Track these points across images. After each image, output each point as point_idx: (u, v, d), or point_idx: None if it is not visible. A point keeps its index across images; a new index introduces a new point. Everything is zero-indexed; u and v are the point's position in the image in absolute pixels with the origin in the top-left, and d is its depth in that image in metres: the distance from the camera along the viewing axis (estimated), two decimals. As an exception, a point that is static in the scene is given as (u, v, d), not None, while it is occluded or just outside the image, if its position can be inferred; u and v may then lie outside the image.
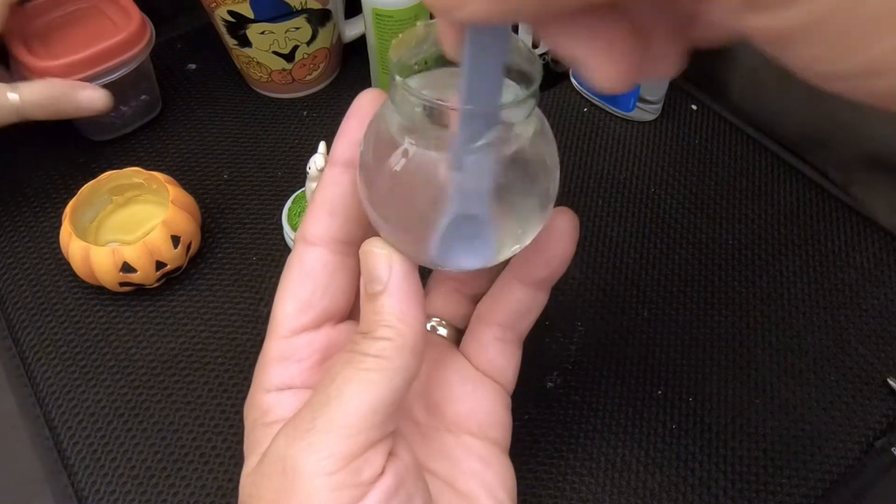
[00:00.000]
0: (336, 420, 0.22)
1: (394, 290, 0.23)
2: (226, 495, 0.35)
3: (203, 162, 0.51)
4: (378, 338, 0.23)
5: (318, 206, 0.26)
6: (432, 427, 0.28)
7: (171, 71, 0.58)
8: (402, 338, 0.23)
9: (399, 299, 0.23)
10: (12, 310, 0.43)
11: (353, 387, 0.22)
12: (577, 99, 0.55)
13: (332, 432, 0.21)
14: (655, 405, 0.38)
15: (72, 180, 0.49)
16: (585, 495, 0.35)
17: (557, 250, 0.26)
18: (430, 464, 0.27)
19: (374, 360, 0.22)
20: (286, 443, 0.22)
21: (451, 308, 0.30)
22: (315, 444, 0.21)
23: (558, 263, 0.27)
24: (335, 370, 0.23)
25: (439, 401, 0.28)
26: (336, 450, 0.21)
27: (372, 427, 0.22)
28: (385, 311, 0.23)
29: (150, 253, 0.40)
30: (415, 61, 0.22)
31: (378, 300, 0.23)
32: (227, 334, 0.41)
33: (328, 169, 0.26)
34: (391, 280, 0.23)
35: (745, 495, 0.35)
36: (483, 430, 0.28)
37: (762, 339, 0.41)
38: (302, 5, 0.49)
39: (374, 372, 0.22)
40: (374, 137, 0.23)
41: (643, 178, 0.49)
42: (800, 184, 0.49)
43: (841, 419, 0.38)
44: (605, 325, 0.42)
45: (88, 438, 0.37)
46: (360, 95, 0.25)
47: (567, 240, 0.26)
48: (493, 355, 0.29)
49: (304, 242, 0.26)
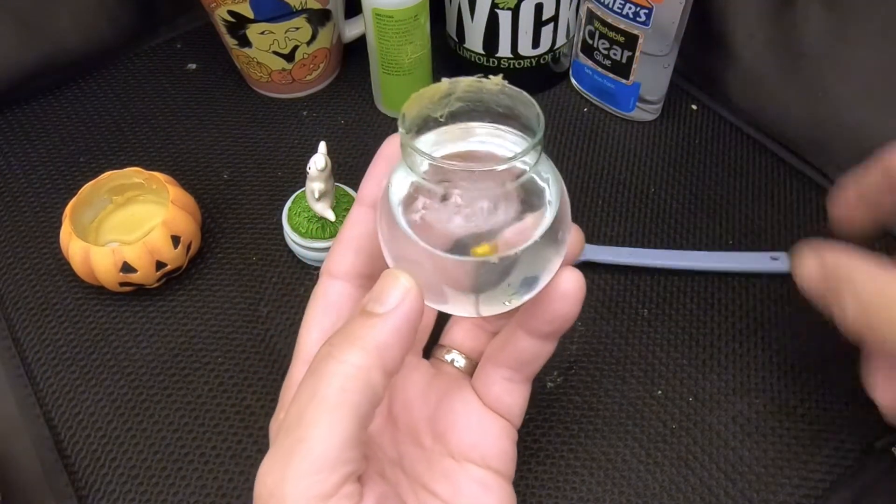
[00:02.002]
0: (308, 462, 0.21)
1: (392, 322, 0.22)
2: (226, 495, 0.35)
3: (203, 162, 0.51)
4: (346, 362, 0.22)
5: (344, 243, 0.27)
6: (437, 452, 0.29)
7: (171, 71, 0.58)
8: (374, 370, 0.22)
9: (391, 332, 0.22)
10: (12, 310, 0.43)
11: (315, 431, 0.22)
12: (577, 99, 0.55)
13: (303, 477, 0.21)
14: (655, 405, 0.38)
15: (72, 180, 0.49)
16: (585, 495, 0.35)
17: (562, 310, 0.26)
18: (433, 485, 0.28)
19: (339, 394, 0.22)
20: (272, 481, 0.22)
21: (470, 342, 0.31)
22: (291, 489, 0.21)
23: (561, 323, 0.26)
24: (303, 398, 0.22)
25: (445, 429, 0.29)
26: (311, 492, 0.21)
27: (341, 463, 0.22)
28: (371, 335, 0.22)
29: (150, 253, 0.40)
30: (439, 114, 0.23)
31: (371, 321, 0.23)
32: (227, 334, 0.41)
33: (356, 207, 0.27)
34: (397, 311, 0.22)
35: (745, 495, 0.35)
36: (485, 460, 0.29)
37: (762, 339, 0.41)
38: (302, 5, 0.49)
39: (339, 411, 0.22)
40: (387, 190, 0.23)
41: (643, 178, 0.49)
42: (800, 184, 0.49)
43: (841, 419, 0.38)
44: (605, 325, 0.42)
45: (88, 438, 0.37)
46: (388, 139, 0.27)
47: (573, 300, 0.26)
48: (500, 394, 0.29)
49: (329, 276, 0.27)
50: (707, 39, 0.51)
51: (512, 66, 0.52)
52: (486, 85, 0.22)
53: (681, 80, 0.54)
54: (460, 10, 0.50)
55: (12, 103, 0.55)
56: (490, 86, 0.22)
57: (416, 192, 0.23)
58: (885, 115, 0.43)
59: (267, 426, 0.38)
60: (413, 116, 0.23)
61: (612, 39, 0.49)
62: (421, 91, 0.23)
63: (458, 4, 0.50)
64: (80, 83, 0.56)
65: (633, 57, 0.48)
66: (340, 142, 0.52)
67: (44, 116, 0.54)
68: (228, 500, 0.35)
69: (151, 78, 0.57)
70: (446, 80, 0.23)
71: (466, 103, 0.23)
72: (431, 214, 0.22)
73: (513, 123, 0.23)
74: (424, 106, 0.23)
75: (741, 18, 0.48)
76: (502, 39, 0.51)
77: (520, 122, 0.23)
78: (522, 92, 0.22)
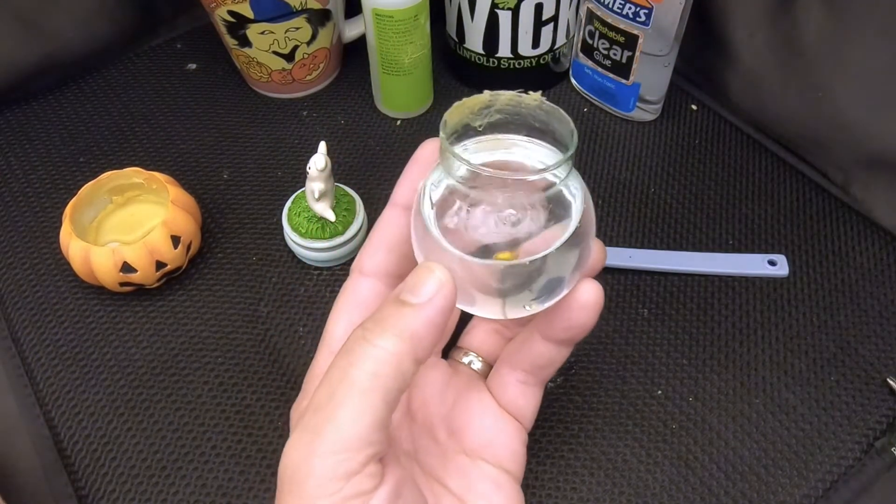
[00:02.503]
0: (336, 442, 0.22)
1: (426, 313, 0.23)
2: (226, 495, 0.35)
3: (203, 162, 0.51)
4: (380, 346, 0.22)
5: (376, 242, 0.28)
6: (451, 448, 0.29)
7: (171, 71, 0.58)
8: (406, 358, 0.23)
9: (424, 323, 0.23)
10: (12, 310, 0.43)
11: (345, 412, 0.22)
12: (577, 99, 0.55)
13: (331, 456, 0.22)
14: (655, 405, 0.38)
15: (72, 180, 0.49)
16: (585, 495, 0.35)
17: (579, 319, 0.26)
18: (446, 479, 0.28)
19: (371, 378, 0.22)
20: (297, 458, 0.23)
21: (488, 346, 0.32)
22: (317, 466, 0.22)
23: (578, 331, 0.27)
24: (334, 378, 0.23)
25: (460, 427, 0.30)
26: (338, 471, 0.22)
27: (369, 444, 0.22)
28: (405, 323, 0.23)
29: (150, 253, 0.40)
30: (478, 124, 0.24)
31: (405, 310, 0.23)
32: (227, 334, 0.41)
33: (389, 208, 0.28)
34: (432, 303, 0.23)
35: (745, 495, 0.35)
36: (497, 459, 0.29)
37: (762, 339, 0.41)
38: (302, 5, 0.49)
39: (370, 394, 0.22)
40: (422, 193, 0.24)
41: (643, 178, 0.49)
42: (800, 184, 0.49)
43: (841, 419, 0.38)
44: (605, 325, 0.42)
45: (88, 438, 0.37)
46: (423, 144, 0.27)
47: (590, 311, 0.26)
48: (514, 396, 0.30)
49: (360, 273, 0.28)
50: (707, 39, 0.51)
51: (512, 66, 0.52)
52: (525, 100, 0.24)
53: (681, 80, 0.54)
54: (460, 10, 0.50)
55: (12, 103, 0.55)
56: (529, 101, 0.24)
57: (451, 196, 0.24)
58: (885, 115, 0.43)
59: (267, 426, 0.38)
60: (454, 123, 0.24)
61: (612, 39, 0.49)
62: (463, 100, 0.24)
63: (458, 4, 0.50)
64: (80, 83, 0.56)
65: (633, 57, 0.48)
66: (340, 142, 0.52)
67: (44, 116, 0.54)
68: (228, 500, 0.35)
69: (151, 78, 0.57)
70: (487, 92, 0.24)
71: (506, 115, 0.24)
72: (464, 218, 0.23)
73: (546, 138, 0.24)
74: (465, 115, 0.24)
75: (741, 18, 0.48)
76: (502, 39, 0.51)
77: (553, 137, 0.24)
78: (559, 108, 0.24)
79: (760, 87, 0.50)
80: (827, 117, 0.46)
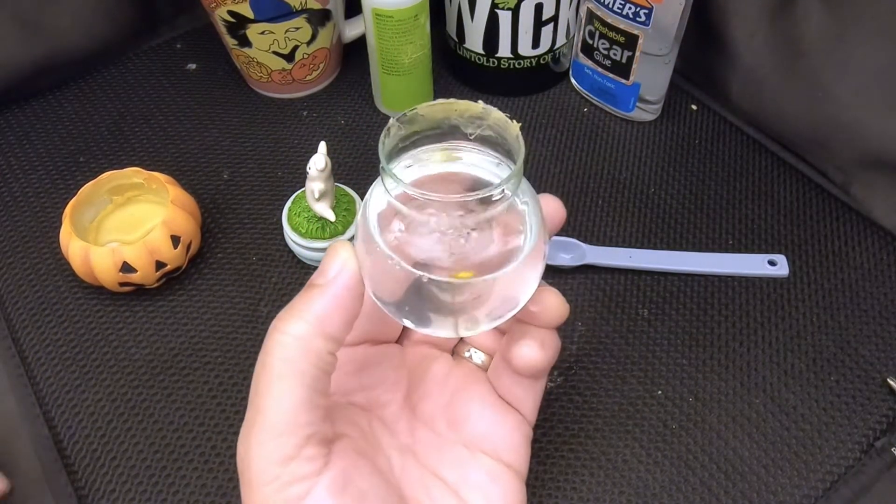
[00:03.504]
0: (265, 429, 0.23)
1: (331, 291, 0.24)
2: (226, 495, 0.35)
3: (203, 162, 0.51)
4: (288, 333, 0.24)
5: None
6: (450, 440, 0.29)
7: (171, 71, 0.58)
8: (316, 338, 0.24)
9: (330, 301, 0.24)
10: (12, 310, 0.43)
11: (267, 400, 0.23)
12: (577, 99, 0.55)
13: (264, 443, 0.23)
14: (655, 405, 0.38)
15: (72, 180, 0.49)
16: (585, 495, 0.35)
17: (545, 324, 0.27)
18: (442, 471, 0.28)
19: (282, 363, 0.23)
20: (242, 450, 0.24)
21: (490, 343, 0.32)
22: (255, 455, 0.23)
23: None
24: (255, 373, 0.24)
25: (460, 418, 0.30)
26: (273, 456, 0.23)
27: (298, 426, 0.23)
28: (311, 306, 0.24)
29: (150, 253, 0.40)
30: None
31: (311, 293, 0.24)
32: (227, 334, 0.41)
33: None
34: (336, 280, 0.24)
35: (745, 495, 0.35)
36: (497, 452, 0.29)
37: (762, 339, 0.41)
38: (302, 5, 0.49)
39: (286, 379, 0.23)
40: (364, 214, 0.24)
41: (643, 178, 0.49)
42: (800, 184, 0.49)
43: (841, 419, 0.38)
44: (605, 325, 0.42)
45: (88, 438, 0.37)
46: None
47: (551, 318, 0.27)
48: (511, 386, 0.30)
49: None
50: (707, 39, 0.51)
51: (512, 67, 0.52)
52: (510, 128, 0.23)
53: (681, 80, 0.54)
54: (460, 10, 0.50)
55: (12, 103, 0.55)
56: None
57: (397, 215, 0.23)
58: (885, 115, 0.43)
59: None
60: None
61: (612, 39, 0.49)
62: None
63: (458, 4, 0.50)
64: (80, 83, 0.56)
65: (633, 57, 0.48)
66: (340, 142, 0.52)
67: (44, 116, 0.54)
68: (228, 500, 0.35)
69: (151, 78, 0.57)
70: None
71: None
72: (410, 238, 0.23)
73: (498, 149, 0.24)
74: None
75: (741, 18, 0.48)
76: (502, 39, 0.51)
77: (503, 148, 0.24)
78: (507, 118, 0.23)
79: (760, 87, 0.50)
80: (827, 117, 0.46)
